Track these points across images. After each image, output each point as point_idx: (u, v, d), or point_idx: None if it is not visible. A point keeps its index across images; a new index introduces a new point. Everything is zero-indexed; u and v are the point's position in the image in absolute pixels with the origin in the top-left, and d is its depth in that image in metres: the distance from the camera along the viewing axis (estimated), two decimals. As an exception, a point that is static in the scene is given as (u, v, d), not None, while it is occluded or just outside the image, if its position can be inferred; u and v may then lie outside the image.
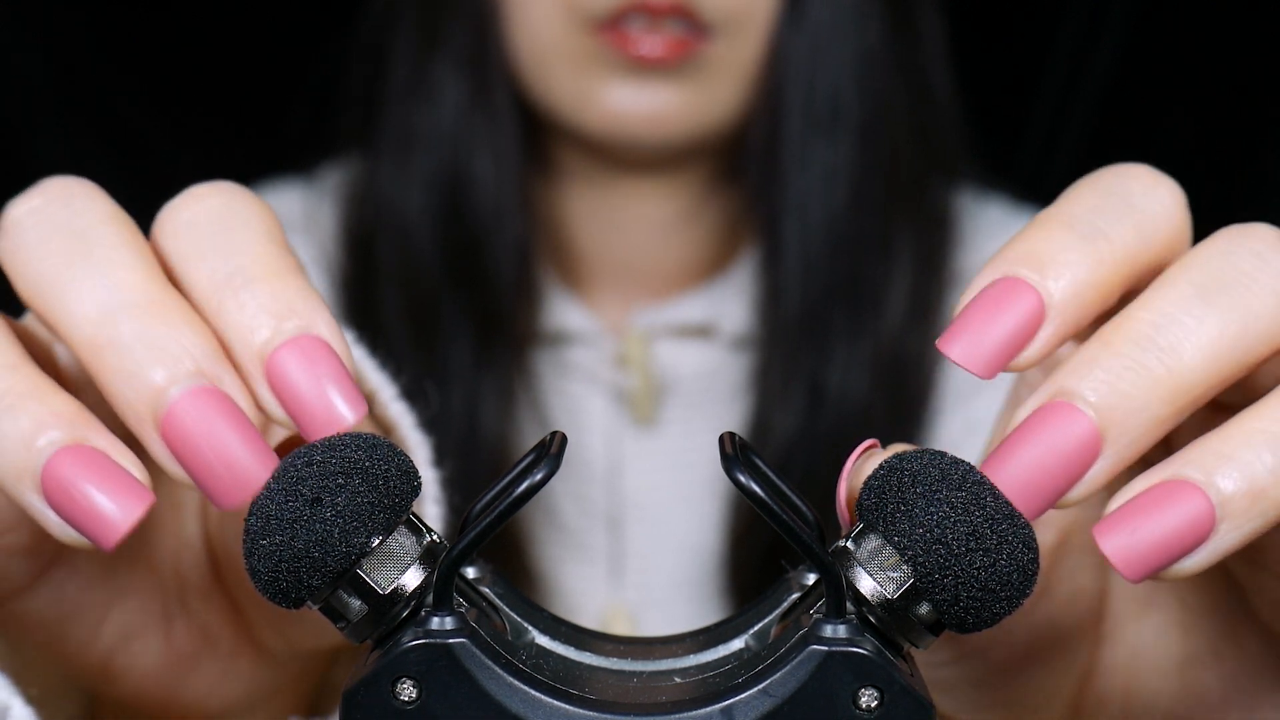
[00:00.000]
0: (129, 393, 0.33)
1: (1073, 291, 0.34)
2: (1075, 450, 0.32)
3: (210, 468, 0.33)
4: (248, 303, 0.34)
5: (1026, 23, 1.20)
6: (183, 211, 0.36)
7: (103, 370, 0.33)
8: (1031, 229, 0.35)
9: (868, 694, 0.32)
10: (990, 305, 0.34)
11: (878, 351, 0.84)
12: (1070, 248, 0.34)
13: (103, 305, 0.34)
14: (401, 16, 0.86)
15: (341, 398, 0.34)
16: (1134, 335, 0.33)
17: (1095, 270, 0.34)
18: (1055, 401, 0.33)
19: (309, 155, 0.92)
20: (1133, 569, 0.32)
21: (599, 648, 0.35)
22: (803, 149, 0.83)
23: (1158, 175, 0.36)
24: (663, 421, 0.88)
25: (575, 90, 0.82)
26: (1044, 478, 0.32)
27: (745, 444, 0.34)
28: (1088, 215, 0.34)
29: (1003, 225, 0.90)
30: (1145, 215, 0.35)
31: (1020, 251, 0.34)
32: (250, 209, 0.36)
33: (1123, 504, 0.32)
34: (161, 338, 0.33)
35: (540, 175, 0.87)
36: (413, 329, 0.85)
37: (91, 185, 0.36)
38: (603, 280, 0.89)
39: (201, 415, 0.33)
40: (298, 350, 0.34)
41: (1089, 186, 0.36)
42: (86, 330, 0.33)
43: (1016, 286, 0.34)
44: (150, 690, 0.43)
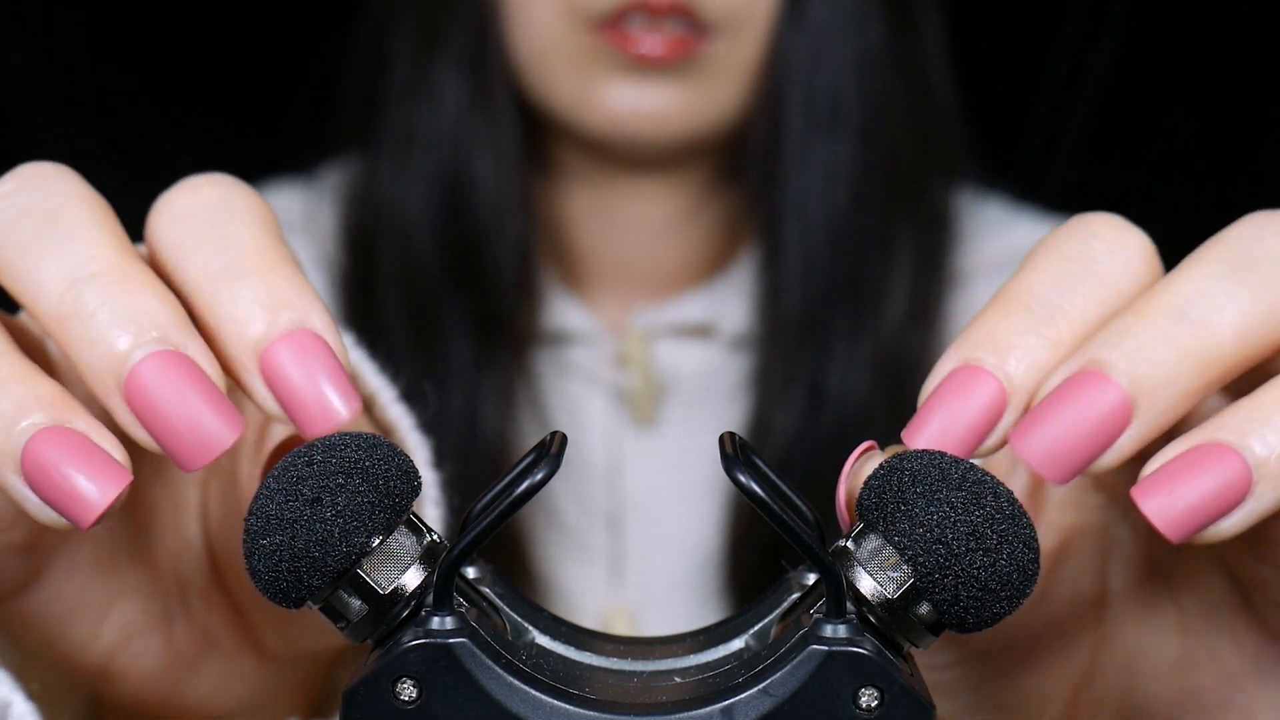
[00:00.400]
0: (93, 359, 0.33)
1: (1032, 375, 0.34)
2: (1106, 418, 0.33)
3: (175, 431, 0.33)
4: (242, 295, 0.34)
5: (1026, 23, 1.20)
6: (178, 202, 0.36)
7: (68, 340, 0.34)
8: (991, 311, 0.35)
9: (868, 694, 0.32)
10: (952, 394, 0.34)
11: (878, 351, 0.84)
12: (1028, 330, 0.34)
13: (67, 276, 0.34)
14: (401, 16, 0.86)
15: (336, 393, 0.34)
16: (1167, 308, 0.33)
17: (1054, 351, 0.34)
18: (1087, 369, 0.33)
19: (309, 155, 0.92)
20: (1174, 528, 0.33)
21: (599, 648, 0.35)
22: (803, 149, 0.83)
23: (1123, 229, 0.36)
24: (663, 421, 0.88)
25: (575, 89, 0.82)
26: (1073, 444, 0.33)
27: (745, 444, 0.34)
28: (1047, 290, 0.35)
29: (1002, 225, 0.90)
30: (1107, 283, 0.35)
31: (979, 336, 0.35)
32: (245, 201, 0.36)
33: (1160, 466, 0.33)
34: (125, 305, 0.33)
35: (540, 175, 0.87)
36: (413, 329, 0.85)
37: (65, 169, 0.37)
38: (603, 280, 0.89)
39: (164, 378, 0.33)
40: (292, 344, 0.34)
41: (1051, 253, 0.36)
42: (52, 302, 0.34)
43: (976, 374, 0.34)
44: (151, 691, 0.43)
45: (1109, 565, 0.41)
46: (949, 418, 0.34)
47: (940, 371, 0.35)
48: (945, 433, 0.34)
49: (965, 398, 0.34)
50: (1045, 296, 0.35)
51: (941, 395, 0.34)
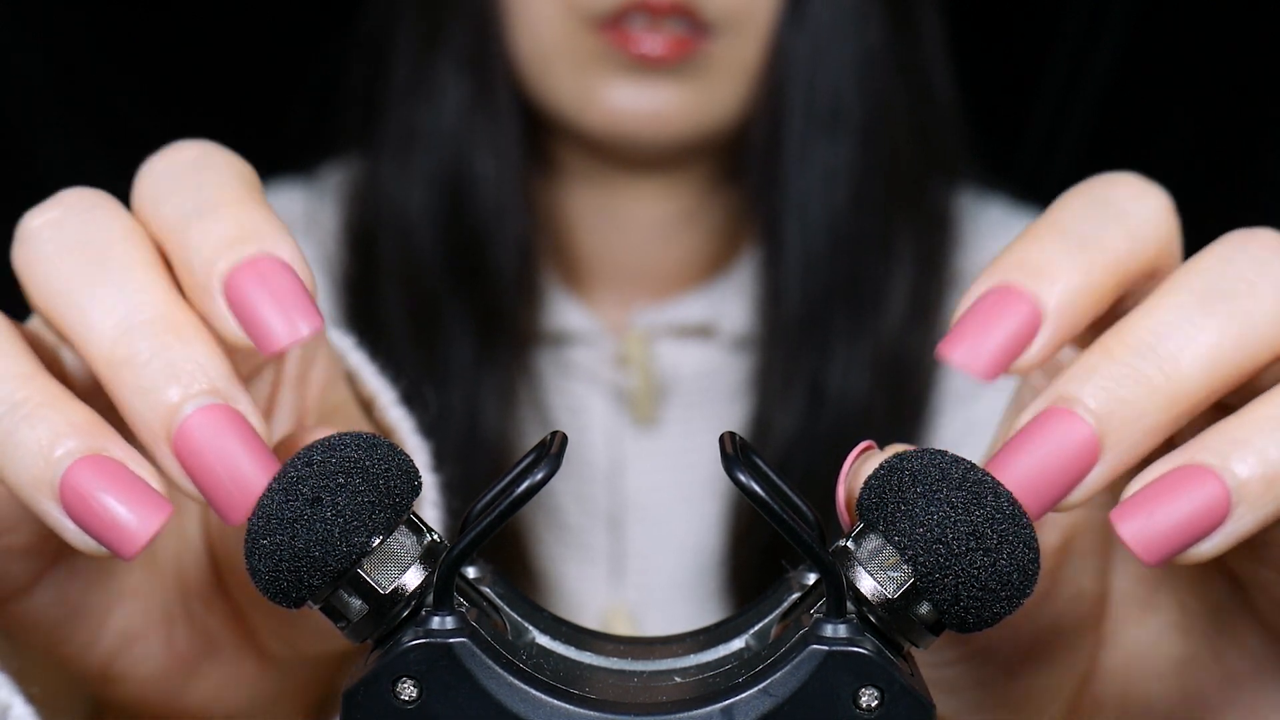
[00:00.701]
0: (144, 409, 0.33)
1: (1067, 297, 0.34)
2: (1075, 455, 0.33)
3: (220, 483, 0.33)
4: (210, 229, 0.35)
5: (1026, 23, 1.20)
6: (160, 162, 0.37)
7: (119, 387, 0.34)
8: (1024, 238, 0.35)
9: (868, 694, 0.32)
10: (987, 311, 0.34)
11: (878, 352, 0.84)
12: (1062, 255, 0.34)
13: (120, 323, 0.34)
14: (402, 16, 0.86)
15: (299, 313, 0.34)
16: (1134, 343, 0.33)
17: (1088, 276, 0.34)
18: (1056, 407, 0.33)
19: (310, 155, 0.92)
20: (1150, 553, 0.33)
21: (599, 647, 0.35)
22: (803, 149, 0.83)
23: (1145, 183, 0.37)
24: (663, 421, 0.88)
25: (576, 89, 0.82)
26: (1044, 481, 0.33)
27: (745, 443, 0.34)
28: (1078, 223, 0.35)
29: (1003, 225, 0.90)
30: (1134, 221, 0.35)
31: (1014, 260, 0.35)
32: (223, 157, 0.37)
33: (1139, 489, 0.33)
34: (177, 356, 0.34)
35: (541, 175, 0.88)
36: (414, 328, 0.85)
37: (108, 198, 0.37)
38: (603, 280, 0.89)
39: (213, 432, 0.33)
40: (256, 270, 0.34)
41: (1078, 195, 0.36)
42: (104, 347, 0.34)
43: (1011, 293, 0.34)
44: (153, 694, 0.43)
45: (1111, 564, 0.41)
46: (983, 334, 0.34)
47: (975, 291, 0.35)
48: (980, 348, 0.34)
49: (999, 316, 0.34)
50: (1076, 227, 0.35)
51: (975, 312, 0.35)
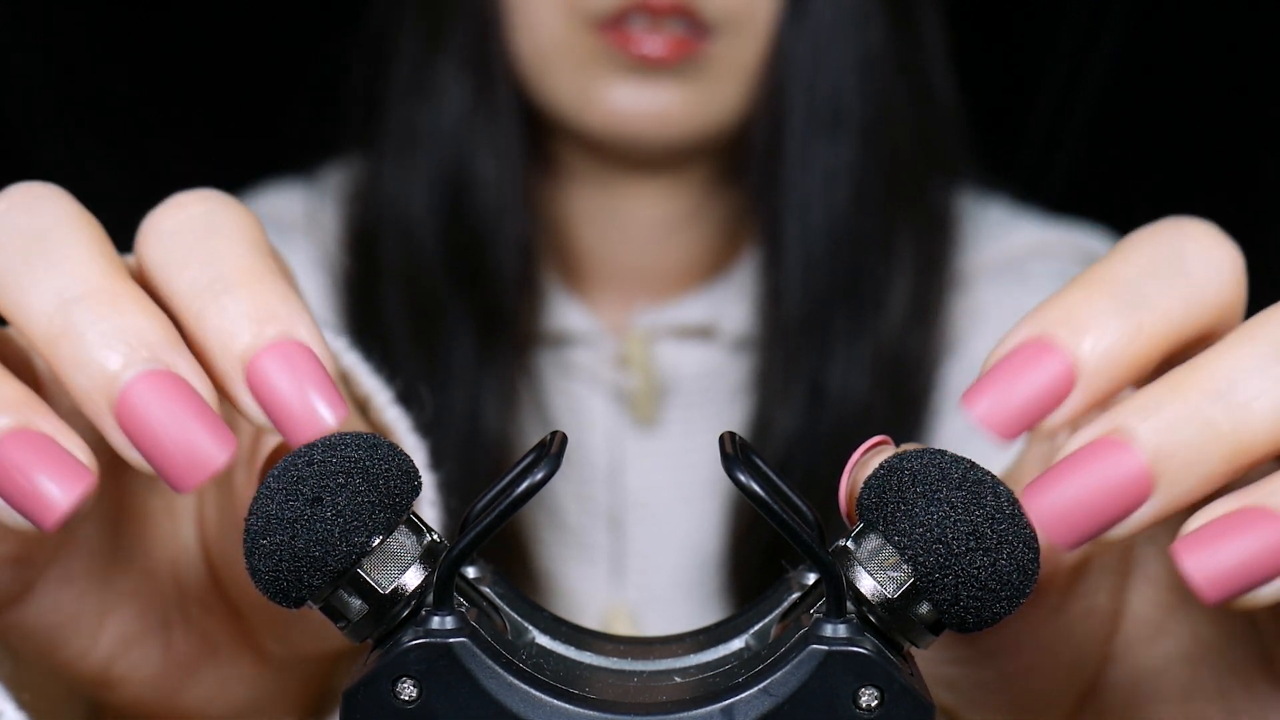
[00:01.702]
0: (84, 380, 0.33)
1: (1106, 361, 0.33)
2: (1123, 490, 0.32)
3: (166, 451, 0.33)
4: (228, 307, 0.34)
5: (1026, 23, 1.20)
6: (165, 220, 0.36)
7: (59, 361, 0.33)
8: (1075, 287, 0.34)
9: (868, 694, 0.32)
10: (1019, 365, 0.33)
11: (879, 352, 0.84)
12: (1110, 314, 0.33)
13: (57, 297, 0.34)
14: (403, 17, 0.86)
15: (322, 401, 0.34)
16: (1205, 386, 0.32)
17: (1132, 340, 0.33)
18: (1111, 439, 0.32)
19: (310, 155, 0.92)
20: (1213, 590, 0.31)
21: (599, 647, 0.35)
22: (804, 149, 0.83)
23: (1218, 239, 0.35)
24: (664, 422, 0.88)
25: (577, 90, 0.82)
26: (1085, 512, 0.32)
27: (745, 443, 0.34)
28: (1134, 278, 0.33)
29: (1004, 226, 0.90)
30: (1196, 285, 0.34)
31: (1058, 312, 0.33)
32: (232, 217, 0.36)
33: (1204, 524, 0.32)
34: (115, 325, 0.33)
35: (542, 175, 0.88)
36: (414, 328, 0.85)
37: (55, 188, 0.36)
38: (604, 280, 0.89)
39: (156, 399, 0.33)
40: (278, 354, 0.34)
41: (1144, 243, 0.34)
42: (43, 323, 0.34)
43: (1048, 348, 0.33)
44: (150, 697, 0.43)
45: (1130, 584, 0.40)
46: (1010, 389, 0.33)
47: (1010, 341, 0.33)
48: (1004, 404, 0.33)
49: (1030, 372, 0.33)
50: (1132, 283, 0.33)
51: (1006, 365, 0.33)
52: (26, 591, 0.40)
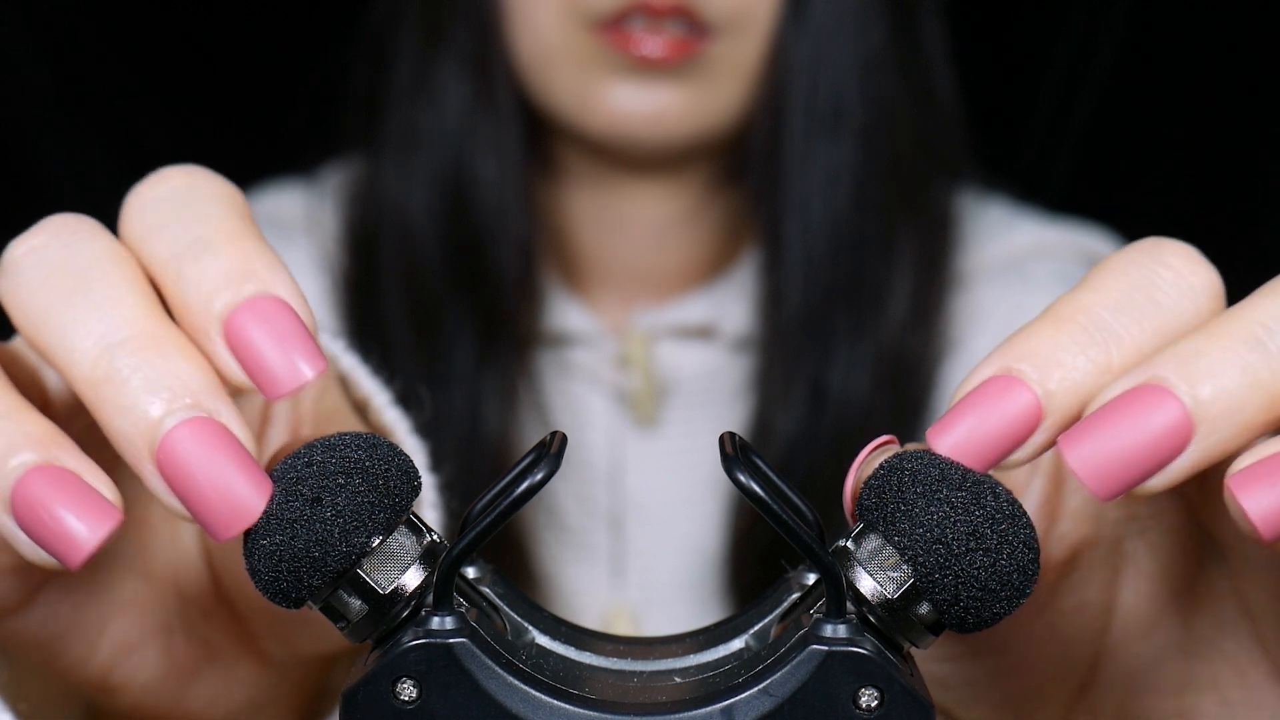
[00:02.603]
0: (126, 426, 0.33)
1: (1073, 397, 0.33)
2: (1162, 438, 0.31)
3: (206, 499, 0.33)
4: (207, 267, 0.34)
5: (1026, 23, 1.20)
6: (147, 192, 0.36)
7: (101, 405, 0.33)
8: (1043, 322, 0.34)
9: (868, 694, 0.32)
10: (986, 400, 0.33)
11: (879, 352, 0.84)
12: (1078, 350, 0.33)
13: (100, 341, 0.33)
14: (404, 17, 0.86)
15: (301, 355, 0.34)
16: (1244, 332, 0.32)
17: (1100, 377, 0.33)
18: (1150, 384, 0.32)
19: (311, 155, 0.92)
20: (1272, 528, 0.31)
21: (599, 648, 0.35)
22: (805, 150, 0.83)
23: (1193, 262, 0.34)
24: (664, 422, 0.88)
25: (577, 91, 0.82)
26: (1125, 459, 0.31)
27: (745, 444, 0.34)
28: (1104, 312, 0.33)
29: (1004, 226, 0.90)
30: (1168, 316, 0.33)
31: (1024, 347, 0.33)
32: (212, 185, 0.36)
33: (1260, 459, 0.31)
34: (158, 371, 0.33)
35: (542, 176, 0.88)
36: (415, 329, 0.85)
37: (92, 222, 0.36)
38: (604, 281, 0.89)
39: (197, 446, 0.32)
40: (256, 310, 0.34)
41: (1116, 272, 0.34)
42: (85, 367, 0.33)
43: (1014, 385, 0.33)
44: (151, 702, 0.43)
45: (1121, 579, 0.41)
46: (977, 424, 0.33)
47: (977, 376, 0.33)
48: (971, 439, 0.33)
49: (998, 407, 0.33)
50: (1101, 318, 0.33)
51: (974, 400, 0.33)
52: (28, 600, 0.40)
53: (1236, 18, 1.16)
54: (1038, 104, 1.18)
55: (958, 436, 0.33)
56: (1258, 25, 1.16)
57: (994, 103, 0.97)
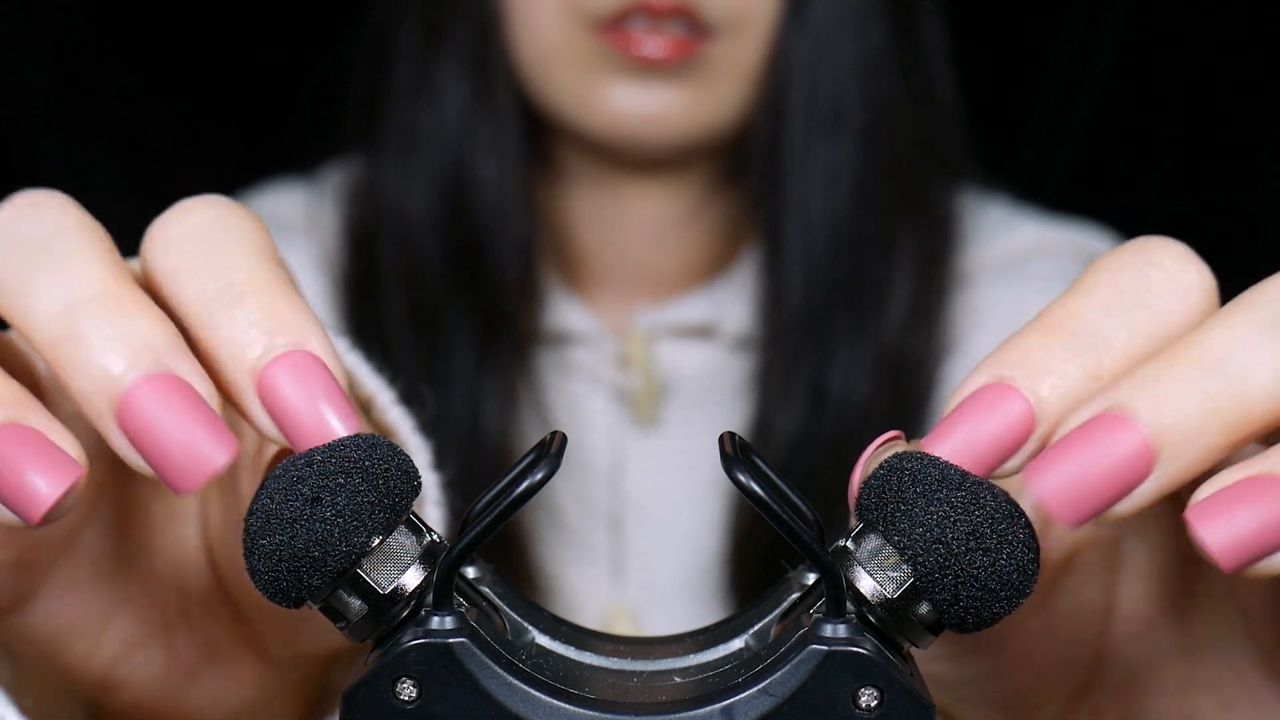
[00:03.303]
0: (86, 384, 0.33)
1: (1065, 405, 0.33)
2: (1125, 466, 0.32)
3: (167, 453, 0.33)
4: (239, 319, 0.34)
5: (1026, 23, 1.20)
6: (172, 227, 0.36)
7: (62, 364, 0.33)
8: (1033, 329, 0.34)
9: (868, 694, 0.32)
10: (979, 410, 0.33)
11: (880, 352, 0.84)
12: (1069, 358, 0.33)
13: (61, 301, 0.33)
14: (404, 17, 0.86)
15: (334, 413, 0.34)
16: (1202, 358, 0.32)
17: (1093, 384, 0.33)
18: (1110, 414, 0.32)
19: (311, 155, 0.92)
20: (1229, 558, 0.31)
21: (599, 647, 0.35)
22: (805, 150, 0.83)
23: (1185, 260, 0.34)
24: (664, 422, 0.88)
25: (577, 91, 0.82)
26: (1090, 487, 0.32)
27: (745, 443, 0.34)
28: (1095, 315, 0.33)
29: (1005, 225, 0.90)
30: (1160, 318, 0.34)
31: (1016, 355, 0.33)
32: (240, 223, 0.36)
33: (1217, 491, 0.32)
34: (119, 328, 0.33)
35: (542, 175, 0.88)
36: (415, 329, 0.85)
37: (61, 196, 0.36)
38: (604, 280, 0.89)
39: (158, 401, 0.33)
40: (289, 366, 0.34)
41: (1107, 275, 0.34)
42: (46, 327, 0.33)
43: (1007, 393, 0.33)
44: (153, 700, 0.43)
45: (1119, 580, 0.41)
46: (972, 433, 0.33)
47: (970, 385, 0.33)
48: (967, 448, 0.33)
49: (992, 415, 0.33)
50: (1091, 324, 0.33)
51: (968, 410, 0.33)
52: (30, 597, 0.40)
53: (1236, 18, 1.16)
54: (1038, 104, 1.18)
55: (953, 446, 0.33)
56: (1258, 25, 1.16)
57: (994, 103, 0.97)
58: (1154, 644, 0.41)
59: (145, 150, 1.16)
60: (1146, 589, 0.40)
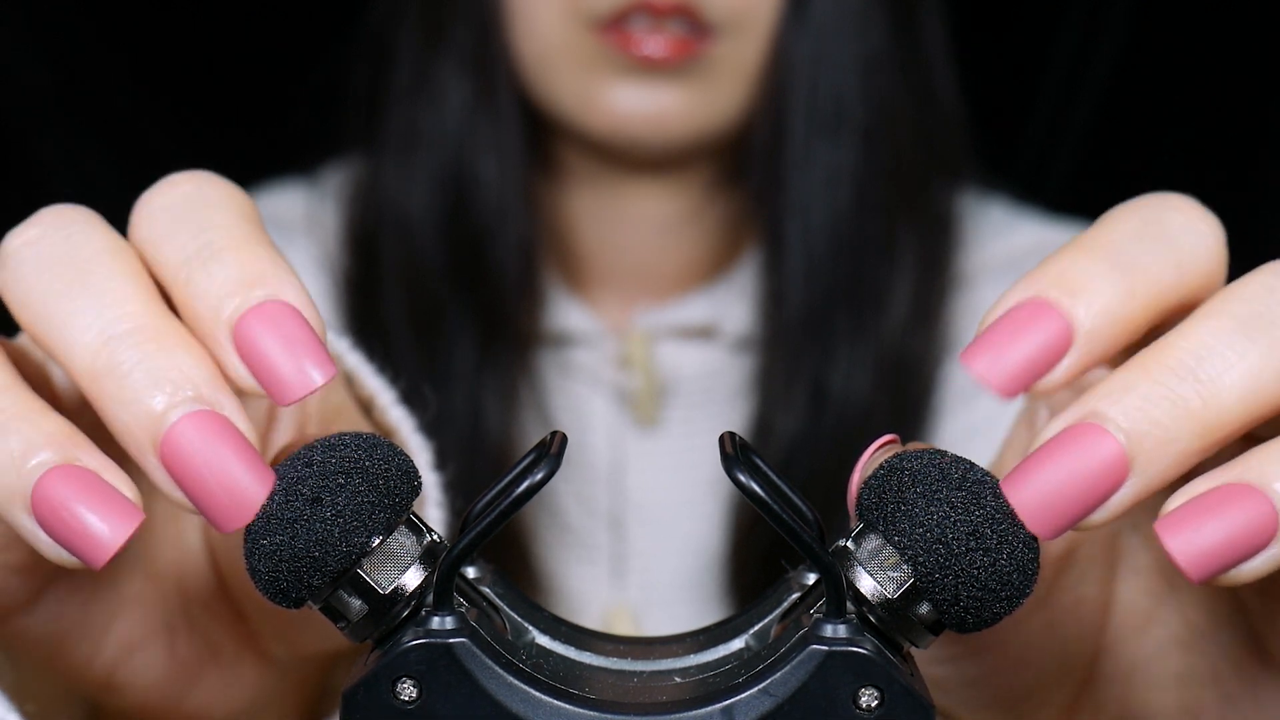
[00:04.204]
0: (128, 419, 0.33)
1: (1102, 321, 0.33)
2: (1101, 474, 0.32)
3: (209, 491, 0.33)
4: (216, 273, 0.34)
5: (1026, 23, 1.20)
6: (156, 198, 0.36)
7: (102, 398, 0.33)
8: (1067, 252, 0.34)
9: (868, 694, 0.32)
10: (1016, 324, 0.33)
11: (880, 353, 0.84)
12: (1104, 276, 0.33)
13: (102, 334, 0.33)
14: (404, 17, 0.86)
15: (310, 361, 0.34)
16: (1173, 364, 0.32)
17: (1127, 301, 0.33)
18: (1085, 423, 0.32)
19: (311, 155, 0.92)
20: (1197, 568, 0.32)
21: (599, 647, 0.35)
22: (806, 150, 0.83)
23: (1199, 210, 0.35)
24: (665, 422, 0.88)
25: (578, 91, 0.82)
26: (1065, 498, 0.32)
27: (745, 444, 0.34)
28: (1125, 244, 0.34)
29: (1005, 226, 0.90)
30: (1183, 251, 0.34)
31: (1053, 274, 0.34)
32: (222, 191, 0.36)
33: (1185, 502, 0.32)
34: (160, 364, 0.33)
35: (543, 175, 0.88)
36: (415, 329, 0.85)
37: (89, 213, 0.36)
38: (605, 281, 0.89)
39: (200, 439, 0.33)
40: (265, 316, 0.34)
41: (1130, 213, 0.35)
42: (86, 359, 0.33)
43: (1045, 308, 0.33)
44: (154, 701, 0.43)
45: (1117, 575, 0.41)
46: (1007, 347, 0.33)
47: (1007, 302, 0.34)
48: (1003, 362, 0.33)
49: (1028, 330, 0.33)
50: (1123, 247, 0.34)
51: (1004, 324, 0.33)
52: (33, 598, 0.40)
53: (1236, 18, 1.16)
54: (1038, 104, 1.18)
55: (987, 361, 0.33)
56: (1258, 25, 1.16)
57: (994, 103, 0.97)
58: (1152, 638, 0.41)
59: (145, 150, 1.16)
60: (1145, 583, 0.40)
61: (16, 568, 0.39)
